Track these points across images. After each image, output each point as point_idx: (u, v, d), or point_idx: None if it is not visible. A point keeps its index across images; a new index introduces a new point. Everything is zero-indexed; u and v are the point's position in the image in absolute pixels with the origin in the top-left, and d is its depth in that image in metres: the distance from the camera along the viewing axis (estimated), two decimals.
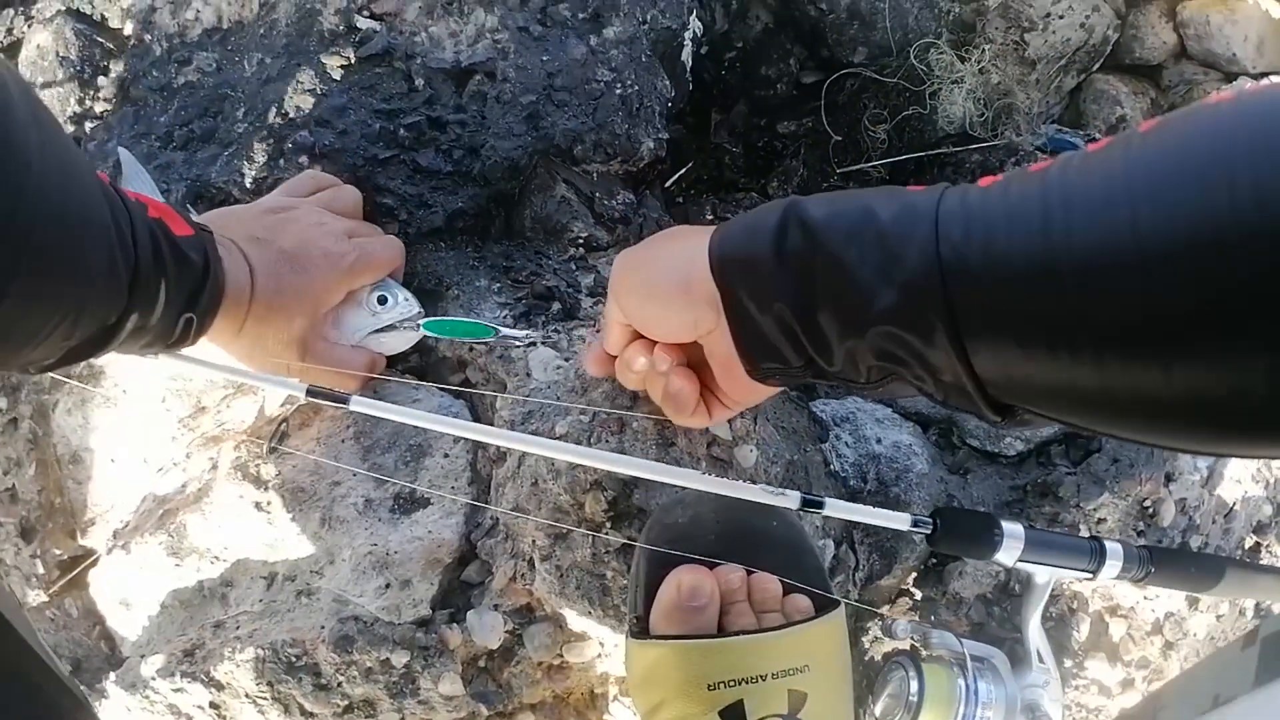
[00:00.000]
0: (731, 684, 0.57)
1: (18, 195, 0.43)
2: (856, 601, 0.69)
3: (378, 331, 0.71)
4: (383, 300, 0.71)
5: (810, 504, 0.59)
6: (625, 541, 0.65)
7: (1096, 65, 1.04)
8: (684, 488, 0.61)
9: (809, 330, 0.50)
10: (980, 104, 1.01)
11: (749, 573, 0.61)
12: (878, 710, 0.67)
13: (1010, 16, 1.03)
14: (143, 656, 0.72)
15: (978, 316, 0.43)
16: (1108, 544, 0.64)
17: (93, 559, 0.78)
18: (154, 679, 0.71)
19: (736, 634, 0.58)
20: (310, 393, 0.64)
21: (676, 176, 1.04)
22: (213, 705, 0.71)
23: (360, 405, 0.63)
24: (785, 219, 0.50)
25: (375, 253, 0.72)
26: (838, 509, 0.60)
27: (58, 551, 0.80)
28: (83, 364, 0.72)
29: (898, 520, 0.61)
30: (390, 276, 0.73)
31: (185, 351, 0.64)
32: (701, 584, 0.59)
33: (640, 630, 0.60)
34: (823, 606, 0.61)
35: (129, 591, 0.76)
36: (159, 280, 0.56)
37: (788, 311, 0.50)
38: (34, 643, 0.49)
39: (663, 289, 0.57)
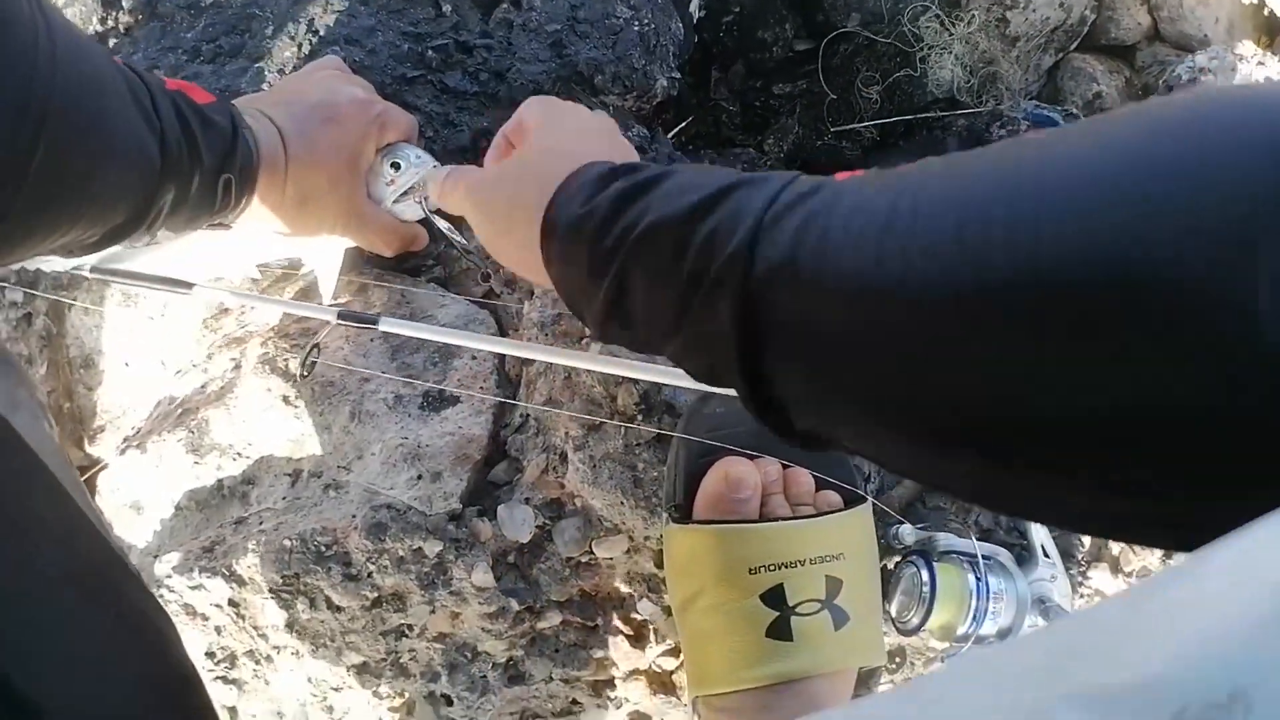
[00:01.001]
0: (772, 568, 0.59)
1: (31, 68, 0.43)
2: (877, 501, 0.72)
3: (401, 199, 0.70)
4: (395, 166, 0.69)
5: None
6: (658, 432, 0.67)
7: (1074, 45, 1.10)
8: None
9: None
10: (967, 71, 1.06)
11: (784, 466, 0.64)
12: (893, 609, 0.70)
13: None
14: (155, 556, 0.71)
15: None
16: None
17: (100, 466, 0.77)
18: (170, 576, 0.70)
19: (778, 519, 0.61)
20: (341, 316, 0.66)
21: (678, 129, 1.07)
22: (232, 603, 0.70)
23: (389, 325, 0.65)
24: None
25: (395, 109, 0.71)
26: None
27: None
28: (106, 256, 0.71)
29: None
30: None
31: (237, 226, 0.64)
32: (747, 475, 0.61)
33: (682, 517, 0.62)
34: (850, 502, 0.64)
35: (141, 495, 0.75)
36: (188, 144, 0.56)
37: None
38: (84, 504, 0.49)
39: (502, 225, 0.53)
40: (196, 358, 0.76)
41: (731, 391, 0.41)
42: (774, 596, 0.59)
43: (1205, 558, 0.21)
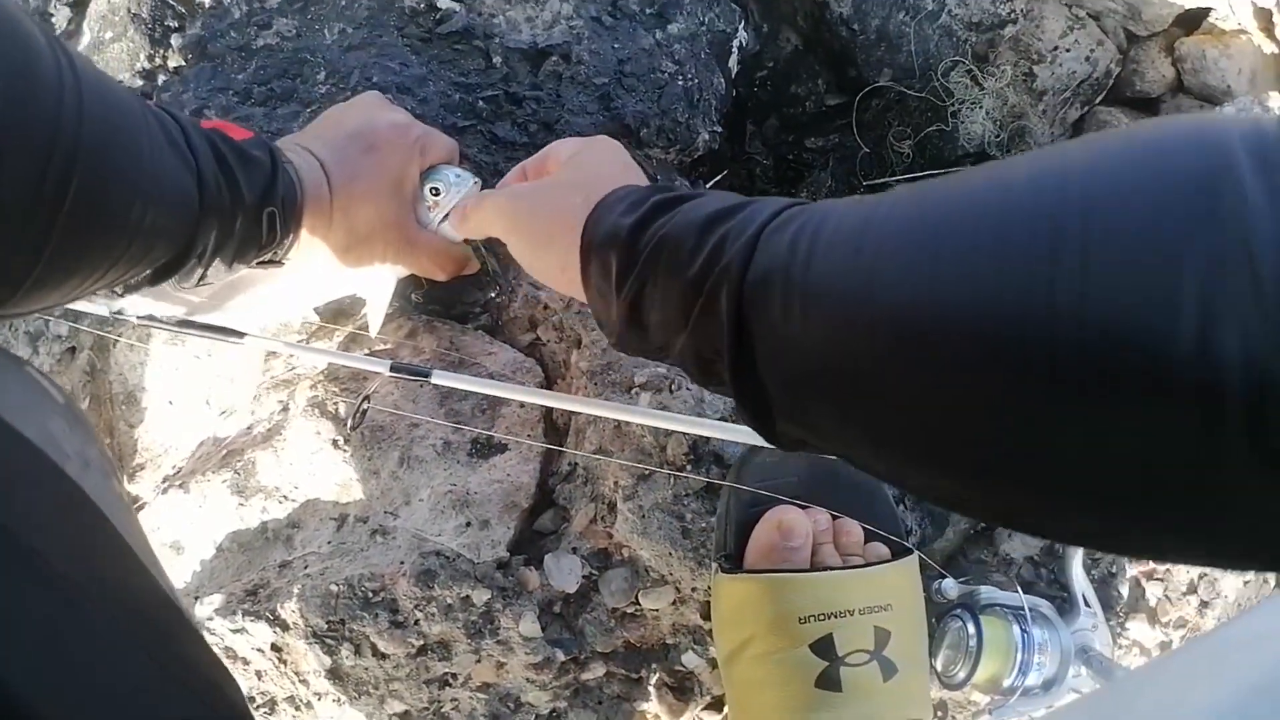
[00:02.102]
0: (822, 618, 0.59)
1: (56, 108, 0.43)
2: (922, 554, 0.72)
3: (445, 221, 0.70)
4: (435, 191, 0.69)
5: None
6: (708, 482, 0.67)
7: (1099, 98, 1.12)
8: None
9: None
10: (997, 125, 1.08)
11: (834, 517, 0.64)
12: (939, 663, 0.70)
13: (1020, 49, 1.11)
14: (196, 598, 0.71)
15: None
16: None
17: (139, 505, 0.76)
18: (211, 619, 0.69)
19: (828, 569, 0.61)
20: (394, 369, 0.66)
21: (714, 181, 1.09)
22: (274, 648, 0.70)
23: (442, 379, 0.65)
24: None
25: (435, 132, 0.71)
26: None
27: None
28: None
29: None
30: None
31: (289, 263, 0.64)
32: (798, 523, 0.61)
33: (733, 566, 0.62)
34: (897, 553, 0.64)
35: (181, 534, 0.75)
36: (227, 181, 0.56)
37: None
38: (148, 560, 0.48)
39: (542, 239, 0.56)
40: (243, 399, 0.76)
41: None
42: (823, 646, 0.59)
43: (1210, 638, 0.24)
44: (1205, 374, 0.24)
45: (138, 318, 0.68)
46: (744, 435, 0.62)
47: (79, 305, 0.71)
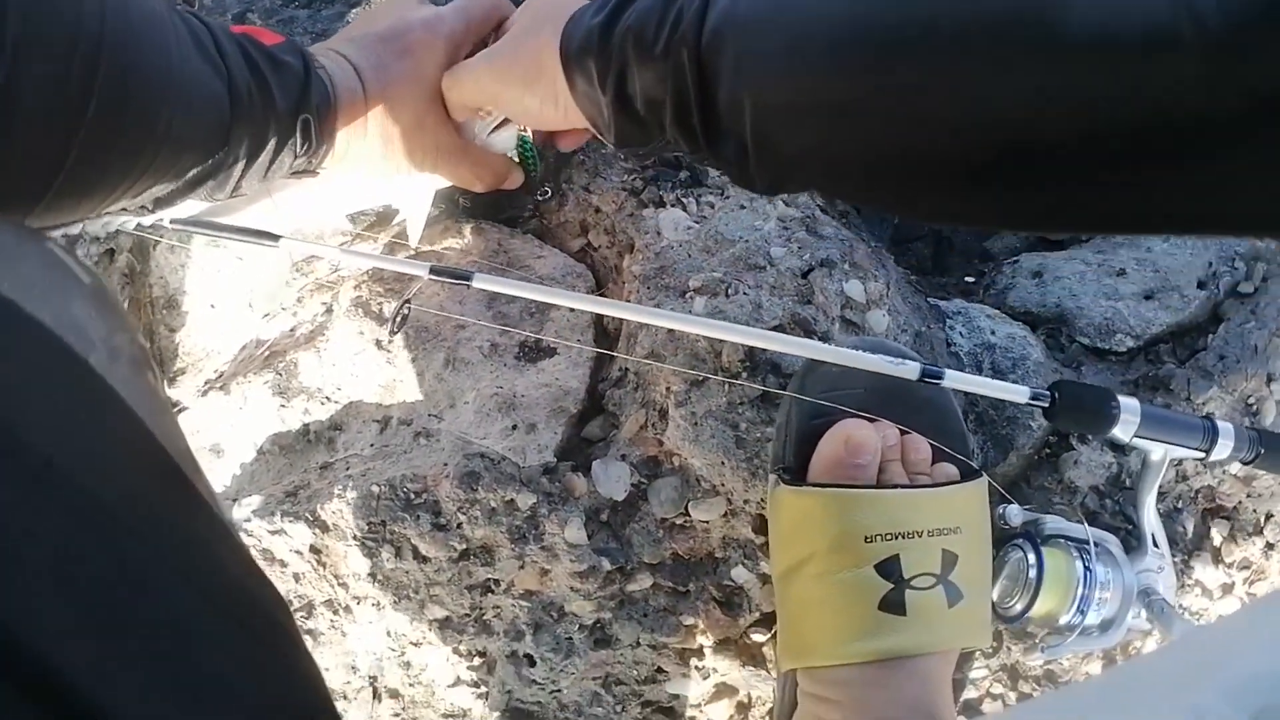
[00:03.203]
0: (889, 538, 0.56)
1: (77, 7, 0.41)
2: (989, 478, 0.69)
3: (495, 131, 0.68)
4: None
5: (929, 375, 0.58)
6: (764, 390, 0.64)
7: None
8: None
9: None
10: None
11: (902, 432, 0.61)
12: (995, 593, 0.67)
13: None
14: (234, 500, 0.70)
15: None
16: (1219, 423, 0.64)
17: (179, 409, 0.75)
18: (249, 520, 0.68)
19: (897, 487, 0.58)
20: (434, 271, 0.62)
21: None
22: (313, 549, 0.68)
23: (483, 282, 0.61)
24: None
25: (476, 8, 0.67)
26: (956, 380, 0.60)
27: None
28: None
29: (1017, 393, 0.61)
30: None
31: (324, 172, 0.63)
32: (868, 439, 0.58)
33: (794, 479, 0.60)
34: (965, 475, 0.61)
35: (221, 438, 0.73)
36: (259, 86, 0.54)
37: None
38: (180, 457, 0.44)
39: (530, 77, 0.58)
40: (286, 301, 0.74)
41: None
42: (889, 568, 0.56)
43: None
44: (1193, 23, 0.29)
45: (170, 221, 0.65)
46: (785, 344, 0.59)
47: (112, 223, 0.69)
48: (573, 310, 0.71)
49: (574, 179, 0.76)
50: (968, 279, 0.86)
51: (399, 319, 0.66)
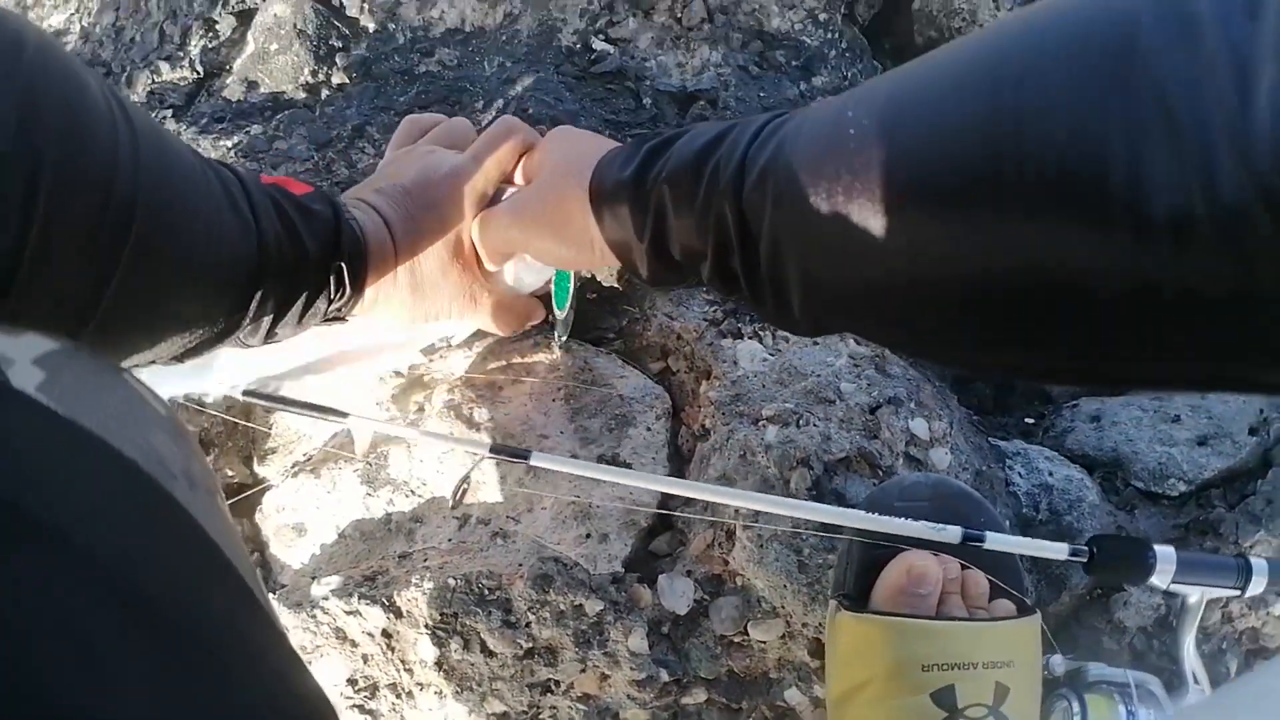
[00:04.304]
0: (945, 667, 0.59)
1: (112, 163, 0.42)
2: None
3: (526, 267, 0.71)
4: None
5: (970, 539, 0.60)
6: (825, 527, 0.68)
7: None
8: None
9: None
10: None
11: (963, 566, 0.64)
12: None
13: None
14: (313, 578, 0.73)
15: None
16: (1253, 560, 0.66)
17: (265, 486, 0.79)
18: (326, 599, 0.71)
19: (955, 619, 0.61)
20: (494, 449, 0.64)
21: None
22: (385, 633, 0.72)
23: (540, 460, 0.62)
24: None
25: (494, 147, 0.69)
26: (997, 542, 0.62)
27: (230, 473, 0.82)
28: None
29: (1055, 550, 0.63)
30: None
31: (353, 320, 0.66)
32: (930, 570, 0.61)
33: (854, 605, 0.63)
34: (1021, 611, 0.64)
35: (306, 518, 0.77)
36: (289, 236, 0.55)
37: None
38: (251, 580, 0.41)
39: (559, 224, 0.61)
40: (380, 397, 0.79)
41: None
42: (944, 697, 0.58)
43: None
44: (1137, 201, 0.30)
45: (244, 392, 0.68)
46: (834, 516, 0.60)
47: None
48: (649, 429, 0.75)
49: (657, 305, 0.81)
50: (1028, 420, 0.89)
51: (460, 494, 0.68)
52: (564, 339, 0.79)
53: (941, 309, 0.41)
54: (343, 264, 0.60)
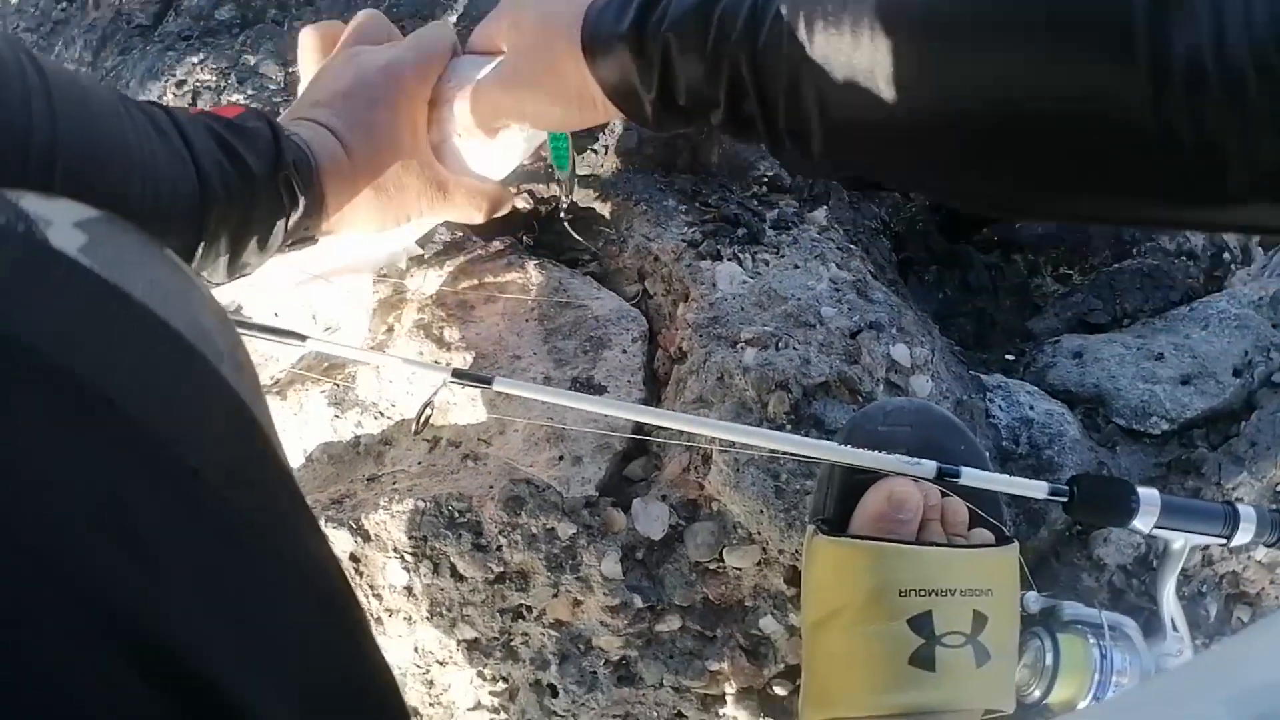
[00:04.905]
0: (923, 593, 0.57)
1: (25, 111, 0.41)
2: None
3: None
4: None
5: (946, 473, 0.59)
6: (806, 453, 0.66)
7: None
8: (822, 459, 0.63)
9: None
10: None
11: (942, 494, 0.63)
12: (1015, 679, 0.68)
13: None
14: None
15: None
16: (1240, 508, 0.64)
17: None
18: None
19: (934, 545, 0.59)
20: (455, 374, 0.61)
21: None
22: (353, 558, 0.70)
23: (503, 385, 0.60)
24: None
25: (426, 42, 0.67)
26: (974, 478, 0.60)
27: None
28: None
29: (1034, 489, 0.61)
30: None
31: (323, 239, 0.64)
32: (911, 496, 0.60)
33: (833, 530, 0.61)
34: (999, 540, 0.63)
35: None
36: (229, 158, 0.53)
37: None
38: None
39: (553, 86, 0.59)
40: (345, 318, 0.76)
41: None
42: (921, 623, 0.57)
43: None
44: (1158, 51, 0.35)
45: None
46: (811, 449, 0.59)
47: None
48: (624, 351, 0.73)
49: (634, 226, 0.79)
50: (1008, 356, 0.88)
51: (424, 420, 0.64)
52: (569, 199, 0.77)
53: (967, 141, 0.43)
54: (289, 174, 0.56)
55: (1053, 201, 0.46)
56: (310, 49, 0.70)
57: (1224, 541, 0.64)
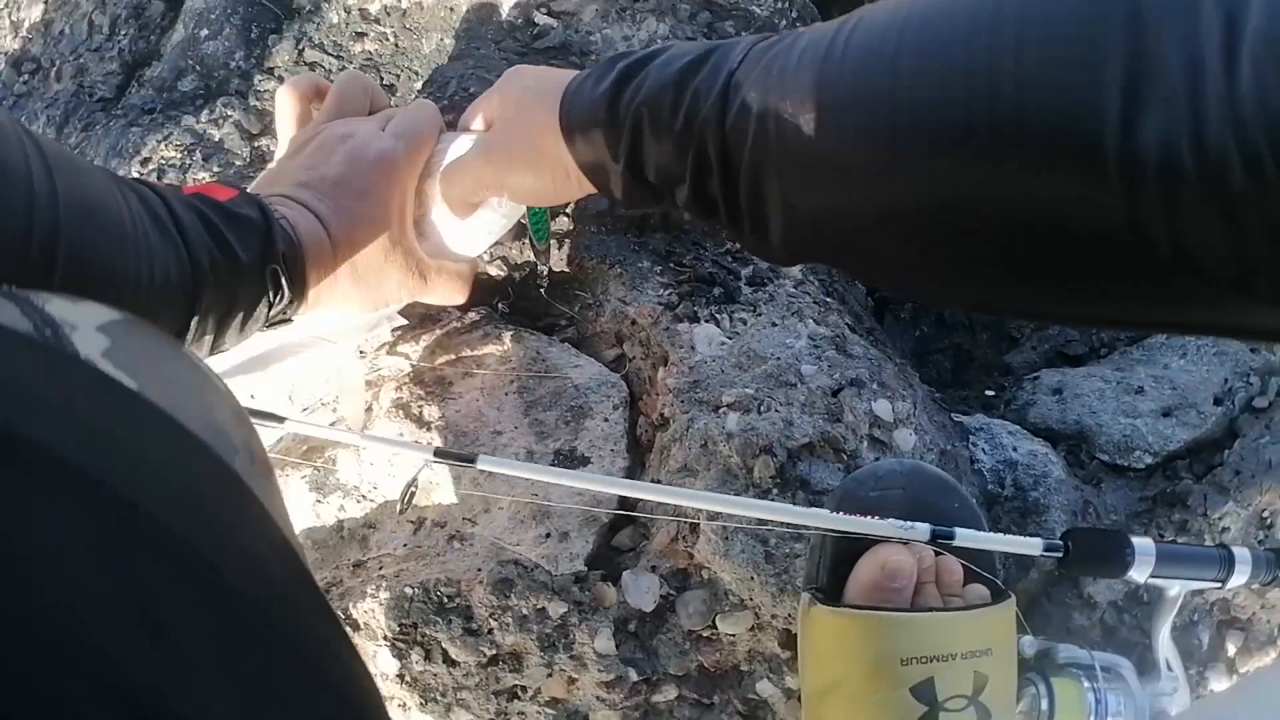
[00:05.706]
0: (924, 660, 0.57)
1: (29, 203, 0.42)
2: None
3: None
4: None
5: (940, 535, 0.59)
6: (796, 523, 0.66)
7: None
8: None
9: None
10: None
11: (936, 553, 0.62)
12: None
13: None
14: None
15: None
16: (1235, 551, 0.65)
17: None
18: None
19: (931, 609, 0.59)
20: (438, 454, 0.61)
21: None
22: None
23: (486, 464, 0.60)
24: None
25: (418, 127, 0.68)
26: (968, 539, 0.60)
27: None
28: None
29: (1029, 546, 0.61)
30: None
31: (299, 320, 0.64)
32: (904, 564, 0.60)
33: (828, 599, 0.61)
34: (995, 594, 0.63)
35: None
36: (219, 248, 0.54)
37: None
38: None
39: (531, 159, 0.60)
40: (326, 397, 0.76)
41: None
42: (924, 690, 0.57)
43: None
44: (1128, 152, 0.32)
45: None
46: (795, 516, 0.58)
47: None
48: (606, 420, 0.72)
49: (610, 289, 0.78)
50: (988, 392, 0.88)
51: (407, 500, 0.64)
52: (548, 270, 0.78)
53: (927, 242, 0.41)
54: (279, 267, 0.57)
55: (1021, 304, 0.44)
56: (288, 111, 0.71)
57: (1219, 585, 0.64)
